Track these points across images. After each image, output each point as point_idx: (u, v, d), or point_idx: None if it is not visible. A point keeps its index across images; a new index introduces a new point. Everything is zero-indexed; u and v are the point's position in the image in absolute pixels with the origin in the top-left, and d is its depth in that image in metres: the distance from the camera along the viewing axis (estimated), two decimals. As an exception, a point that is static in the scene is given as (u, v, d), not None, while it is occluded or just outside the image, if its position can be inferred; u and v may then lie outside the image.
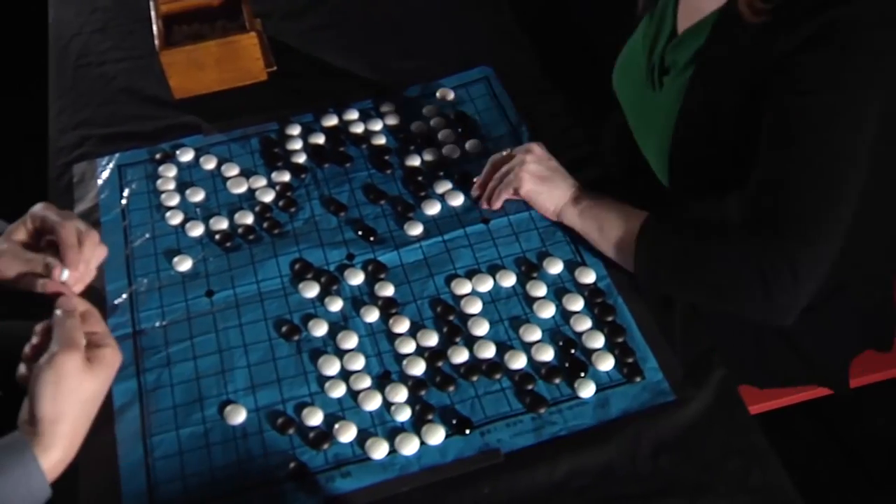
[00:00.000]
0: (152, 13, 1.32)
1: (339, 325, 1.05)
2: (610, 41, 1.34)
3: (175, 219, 1.17)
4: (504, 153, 1.15)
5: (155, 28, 1.30)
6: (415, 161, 1.22)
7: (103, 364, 0.86)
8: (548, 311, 1.04)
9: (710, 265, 1.00)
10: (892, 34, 0.93)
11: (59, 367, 0.82)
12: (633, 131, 1.26)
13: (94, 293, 1.08)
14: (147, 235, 1.15)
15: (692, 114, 1.09)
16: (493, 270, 1.09)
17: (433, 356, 1.01)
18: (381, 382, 0.99)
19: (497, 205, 1.13)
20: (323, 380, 1.00)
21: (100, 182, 1.21)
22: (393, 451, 0.94)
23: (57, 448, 0.82)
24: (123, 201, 1.19)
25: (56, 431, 0.81)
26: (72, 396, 0.82)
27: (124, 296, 1.08)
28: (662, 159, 1.15)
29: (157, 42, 1.29)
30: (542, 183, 1.11)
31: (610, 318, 1.04)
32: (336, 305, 1.06)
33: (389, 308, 1.05)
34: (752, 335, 1.23)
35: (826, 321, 1.22)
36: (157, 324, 1.06)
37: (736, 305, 1.00)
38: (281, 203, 1.18)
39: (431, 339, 1.02)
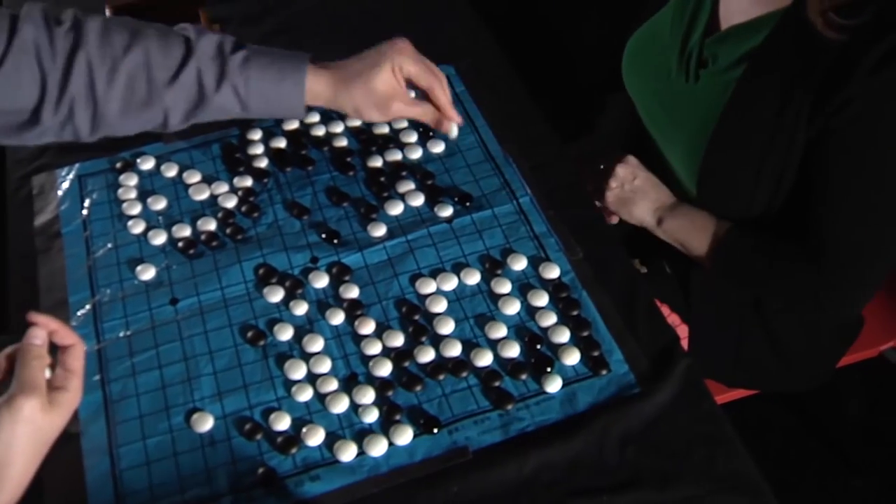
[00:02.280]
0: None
1: (304, 328, 1.04)
2: (576, 35, 1.35)
3: (137, 227, 1.16)
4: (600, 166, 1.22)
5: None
6: (377, 162, 1.22)
7: (62, 408, 0.84)
8: (513, 308, 1.05)
9: (777, 289, 1.14)
10: None
11: (17, 411, 0.79)
12: (650, 122, 1.23)
13: (56, 305, 1.08)
14: (109, 245, 1.14)
15: (739, 114, 1.06)
16: (457, 269, 1.09)
17: (399, 356, 1.01)
18: (347, 385, 0.99)
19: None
20: (289, 384, 0.99)
21: (60, 193, 1.20)
22: (361, 452, 0.94)
23: (4, 492, 0.80)
24: (84, 212, 1.18)
25: (4, 475, 0.80)
26: (26, 440, 0.80)
27: (87, 307, 1.08)
28: (692, 157, 1.12)
29: (113, 50, 1.28)
30: (623, 205, 1.20)
31: (575, 313, 1.04)
32: (301, 309, 1.06)
33: (354, 310, 1.05)
34: (733, 336, 1.24)
35: (810, 322, 1.23)
36: (122, 334, 1.05)
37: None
38: (244, 208, 1.17)
39: (397, 340, 1.02)
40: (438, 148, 1.23)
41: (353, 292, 1.07)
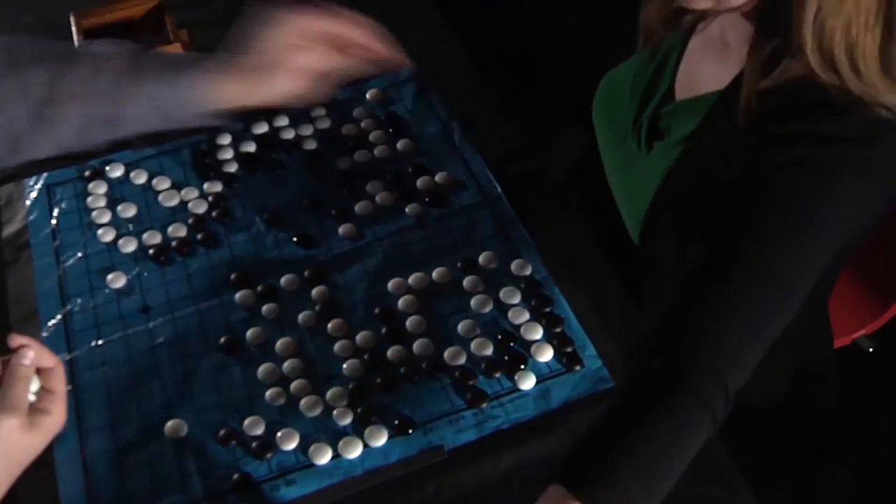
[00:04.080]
0: (73, 28, 1.30)
1: (277, 332, 1.04)
2: (539, 31, 1.35)
3: (107, 236, 1.15)
4: None
5: (76, 43, 1.29)
6: (346, 163, 1.21)
7: (43, 429, 0.84)
8: (485, 306, 1.05)
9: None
10: (870, 179, 0.86)
11: None
12: (608, 176, 1.20)
13: (26, 316, 1.07)
14: (79, 254, 1.13)
15: (670, 197, 1.03)
16: (428, 267, 1.09)
17: (373, 357, 1.01)
18: (321, 387, 0.99)
19: None
20: (263, 388, 0.99)
21: (28, 203, 1.19)
22: (337, 455, 0.94)
23: None
24: (53, 221, 1.17)
25: None
26: (1, 458, 0.80)
27: (58, 317, 1.07)
28: (636, 218, 1.09)
29: (79, 58, 1.27)
30: None
31: (547, 310, 1.04)
32: (273, 313, 1.06)
33: (327, 312, 1.05)
34: None
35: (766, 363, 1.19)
36: (93, 343, 1.04)
37: None
38: (214, 214, 1.17)
39: (371, 341, 1.02)
40: (408, 148, 1.23)
41: (325, 294, 1.07)
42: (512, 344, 1.01)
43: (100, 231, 1.15)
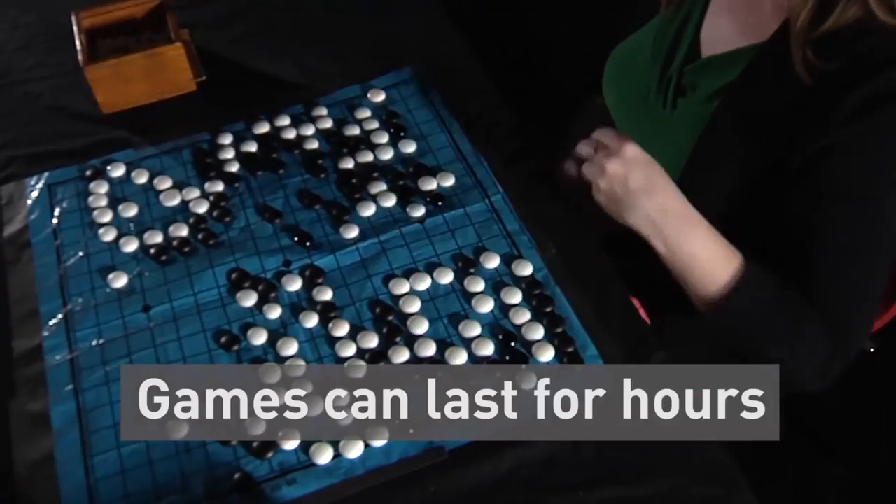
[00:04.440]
0: (74, 28, 1.31)
1: (278, 332, 1.04)
2: (551, 38, 1.35)
3: (108, 235, 1.15)
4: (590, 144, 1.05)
5: (78, 43, 1.29)
6: (348, 164, 1.21)
7: None
8: (486, 306, 1.05)
9: (794, 352, 1.03)
10: None
11: None
12: None
13: (27, 316, 1.07)
14: (80, 254, 1.13)
15: (710, 150, 1.03)
16: (430, 268, 1.09)
17: (374, 358, 1.01)
18: (322, 387, 0.99)
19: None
20: (264, 388, 0.99)
21: (29, 202, 1.19)
22: (338, 455, 0.94)
23: None
24: (54, 220, 1.17)
25: None
26: None
27: (59, 316, 1.07)
28: None
29: (80, 57, 1.27)
30: (611, 203, 1.03)
31: (549, 309, 1.04)
32: (274, 313, 1.06)
33: (328, 312, 1.05)
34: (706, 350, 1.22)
35: None
36: (94, 342, 1.04)
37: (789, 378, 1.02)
38: (215, 213, 1.17)
39: (372, 341, 1.02)
40: (410, 148, 1.23)
41: (326, 295, 1.07)
42: (513, 344, 1.02)
43: (101, 230, 1.15)
